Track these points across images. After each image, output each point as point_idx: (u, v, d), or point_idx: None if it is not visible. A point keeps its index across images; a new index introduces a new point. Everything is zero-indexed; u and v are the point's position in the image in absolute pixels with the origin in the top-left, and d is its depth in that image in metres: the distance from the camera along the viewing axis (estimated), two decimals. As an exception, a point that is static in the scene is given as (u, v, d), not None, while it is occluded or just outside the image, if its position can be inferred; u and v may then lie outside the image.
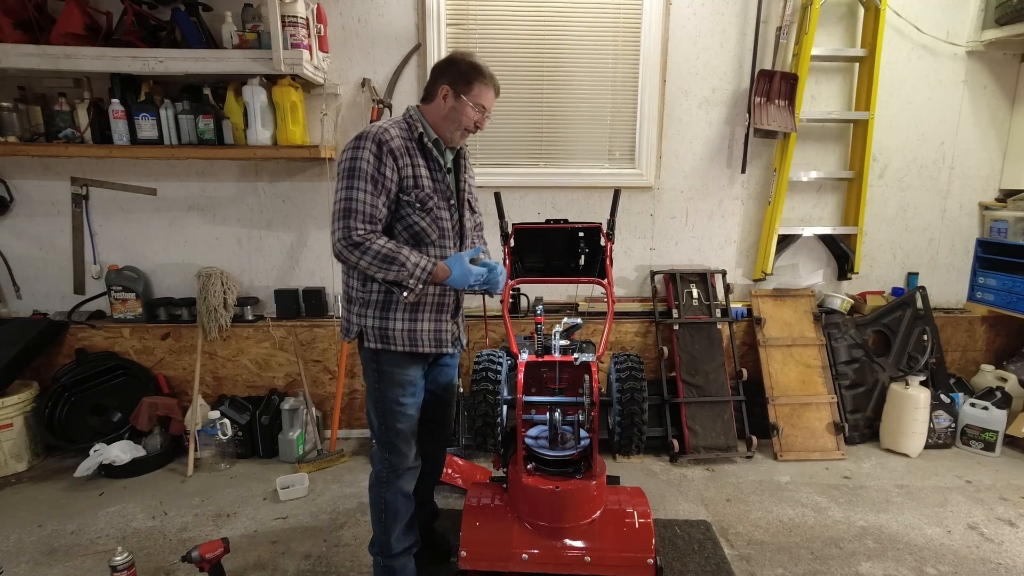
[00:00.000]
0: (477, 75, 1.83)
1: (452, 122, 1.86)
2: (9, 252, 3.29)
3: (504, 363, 2.16)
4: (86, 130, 2.98)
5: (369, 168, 1.73)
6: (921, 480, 2.92)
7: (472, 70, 1.83)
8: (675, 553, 2.31)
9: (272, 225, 3.33)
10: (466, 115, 1.85)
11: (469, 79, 1.83)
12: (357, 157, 1.74)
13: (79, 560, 2.31)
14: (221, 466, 3.04)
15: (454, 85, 1.83)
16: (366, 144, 1.74)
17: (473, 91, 1.83)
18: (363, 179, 1.73)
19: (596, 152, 3.37)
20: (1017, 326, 3.49)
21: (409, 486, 2.00)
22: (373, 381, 1.93)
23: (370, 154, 1.73)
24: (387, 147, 1.74)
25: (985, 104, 3.37)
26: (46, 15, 2.89)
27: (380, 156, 1.74)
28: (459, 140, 1.91)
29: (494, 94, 1.89)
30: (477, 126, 1.89)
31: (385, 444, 1.96)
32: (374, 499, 1.99)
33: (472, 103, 1.83)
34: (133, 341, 3.25)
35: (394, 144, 1.76)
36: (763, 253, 3.37)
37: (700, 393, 3.19)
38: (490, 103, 1.88)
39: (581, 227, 2.25)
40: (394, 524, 1.98)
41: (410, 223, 1.82)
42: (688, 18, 3.18)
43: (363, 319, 1.88)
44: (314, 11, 2.89)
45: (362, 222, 1.73)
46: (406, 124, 1.84)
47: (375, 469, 2.00)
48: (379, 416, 1.94)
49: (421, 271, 1.76)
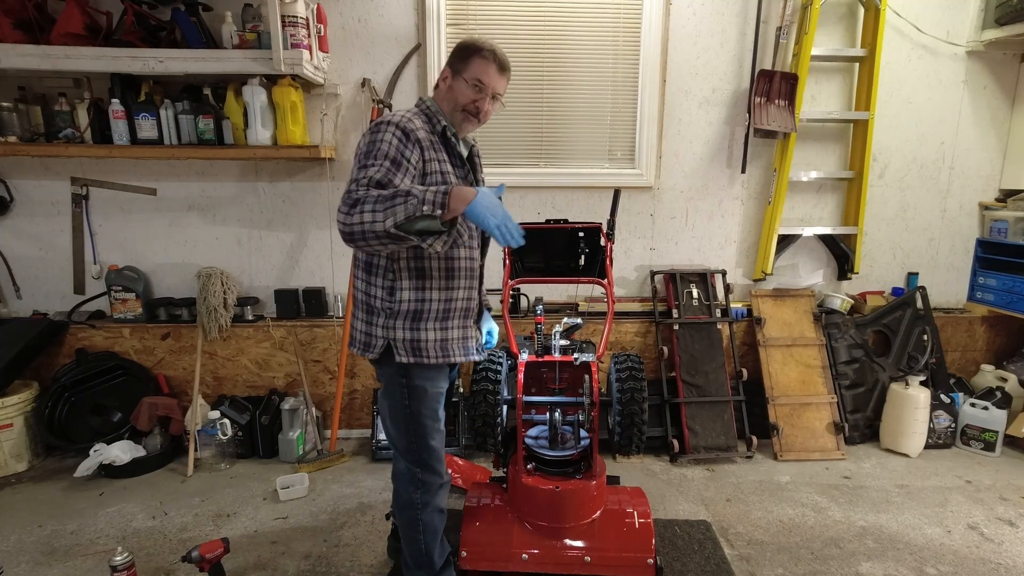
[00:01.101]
0: (473, 49, 1.69)
1: (450, 103, 1.72)
2: (9, 252, 3.29)
3: (504, 363, 2.17)
4: (86, 130, 2.98)
5: (391, 150, 1.54)
6: (921, 480, 2.92)
7: (468, 45, 1.70)
8: (675, 553, 2.31)
9: (272, 225, 3.33)
10: (461, 93, 1.70)
11: (465, 54, 1.70)
12: (379, 139, 1.55)
13: (79, 560, 2.30)
14: (221, 466, 3.04)
15: (452, 65, 1.72)
16: (389, 128, 1.57)
17: (469, 66, 1.69)
18: (381, 158, 1.52)
19: (596, 152, 3.37)
20: (1017, 326, 3.49)
21: (443, 502, 1.89)
22: (401, 398, 1.74)
23: (394, 137, 1.56)
24: (414, 136, 1.58)
25: (985, 104, 3.37)
26: (46, 15, 2.89)
27: (405, 143, 1.56)
28: (465, 128, 1.75)
29: (496, 70, 1.70)
30: (477, 107, 1.71)
31: (417, 463, 1.80)
32: (409, 522, 1.85)
33: (467, 79, 1.69)
34: (133, 341, 3.25)
35: (420, 135, 1.60)
36: (763, 253, 3.37)
37: (700, 393, 3.19)
38: (491, 79, 1.70)
39: (581, 227, 2.25)
40: (434, 542, 1.87)
41: None
42: (688, 18, 3.19)
43: (391, 331, 1.69)
44: (314, 11, 2.89)
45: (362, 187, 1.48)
46: (426, 116, 1.69)
47: (405, 492, 1.84)
48: (409, 435, 1.77)
49: (434, 193, 1.41)
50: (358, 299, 1.77)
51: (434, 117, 1.71)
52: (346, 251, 3.24)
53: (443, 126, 1.70)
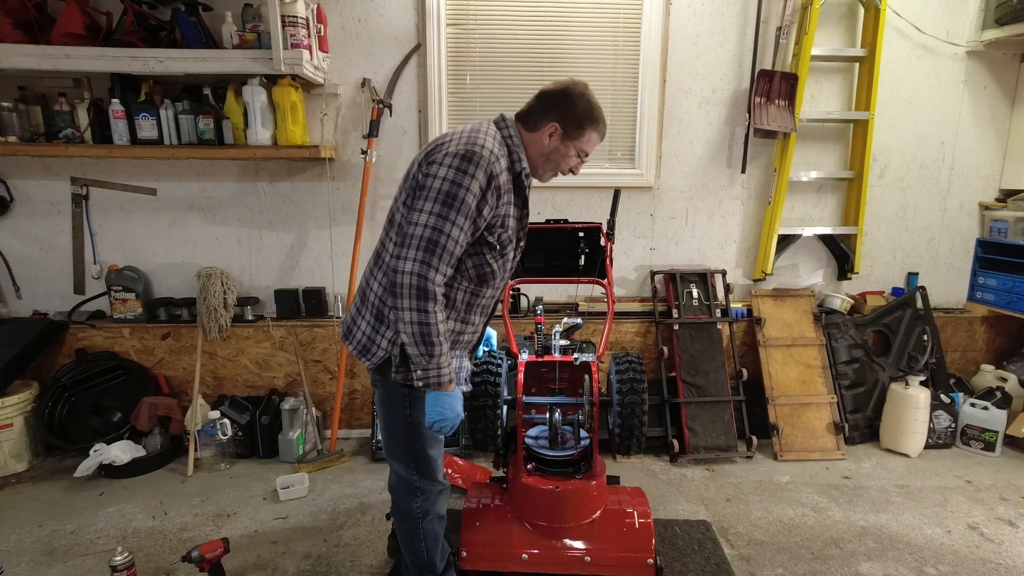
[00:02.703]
0: (590, 122, 1.67)
1: (550, 163, 1.70)
2: (9, 252, 3.29)
3: (504, 363, 2.17)
4: (86, 130, 2.98)
5: (473, 202, 1.50)
6: (921, 480, 2.92)
7: (587, 115, 1.66)
8: (675, 553, 2.31)
9: (272, 225, 3.33)
10: (567, 160, 1.70)
11: (582, 124, 1.66)
12: (462, 184, 1.49)
13: (79, 560, 2.30)
14: (221, 466, 3.04)
15: (564, 125, 1.65)
16: (476, 173, 1.50)
17: (583, 137, 1.68)
18: (462, 213, 1.49)
19: (596, 152, 3.35)
20: (1017, 326, 3.49)
21: (443, 508, 1.88)
22: (402, 408, 1.71)
23: (478, 186, 1.50)
24: (495, 182, 1.54)
25: (985, 104, 3.37)
26: (46, 15, 2.89)
27: (486, 191, 1.52)
28: (544, 179, 1.76)
29: (599, 139, 1.74)
30: (572, 171, 1.75)
31: (415, 471, 1.79)
32: (409, 531, 1.84)
33: (577, 149, 1.69)
34: (133, 341, 3.25)
35: (501, 180, 1.56)
36: (763, 253, 3.37)
37: (700, 393, 3.19)
38: (593, 149, 1.74)
39: (581, 227, 2.25)
40: (435, 547, 1.87)
41: (481, 262, 1.62)
42: (688, 18, 3.18)
43: (396, 347, 1.63)
44: (314, 11, 2.89)
45: (446, 264, 1.50)
46: (507, 151, 1.62)
47: (404, 502, 1.83)
48: (408, 443, 1.76)
49: (437, 373, 1.53)
50: (370, 300, 1.69)
51: (516, 155, 1.64)
52: (346, 251, 3.24)
53: (521, 169, 1.65)
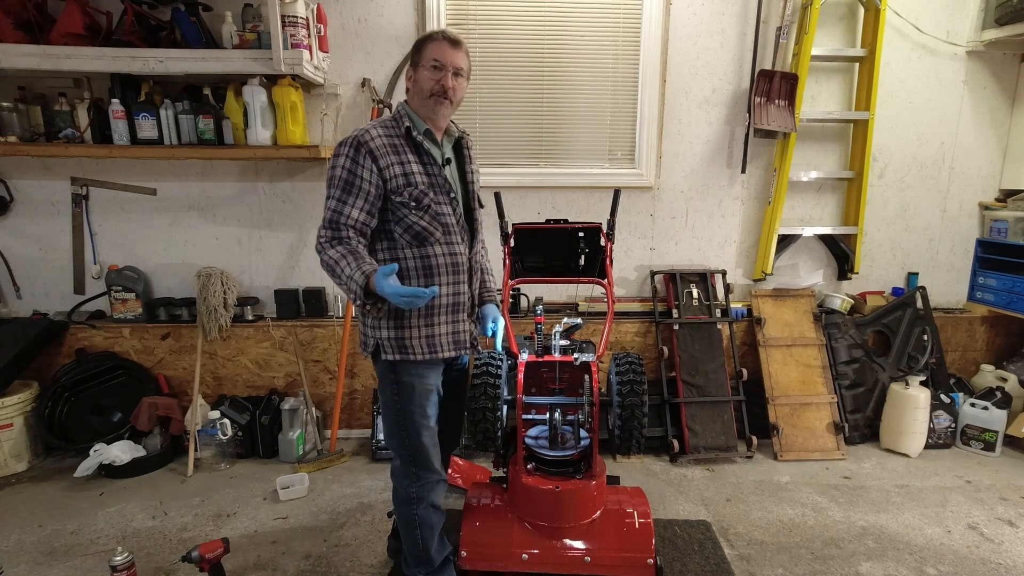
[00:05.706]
0: (423, 38, 1.78)
1: (419, 96, 1.77)
2: (9, 252, 3.29)
3: (504, 363, 2.17)
4: (86, 130, 2.98)
5: (343, 173, 1.69)
6: (921, 480, 2.92)
7: (421, 40, 1.79)
8: (675, 553, 2.31)
9: (272, 225, 3.33)
10: (424, 79, 1.75)
11: (418, 46, 1.79)
12: (334, 165, 1.72)
13: (79, 560, 2.30)
14: (221, 466, 3.04)
15: (412, 62, 1.81)
16: (343, 150, 1.71)
17: (423, 53, 1.76)
18: (336, 186, 1.71)
19: (596, 152, 3.37)
20: (1017, 326, 3.49)
21: (439, 499, 1.94)
22: (391, 394, 1.84)
23: (346, 159, 1.70)
24: (365, 148, 1.69)
25: (985, 104, 3.37)
26: (46, 15, 2.89)
27: (357, 159, 1.69)
28: (440, 113, 1.78)
29: (448, 46, 1.74)
30: (441, 86, 1.74)
31: (410, 460, 1.87)
32: (405, 518, 1.91)
33: (425, 64, 1.75)
34: (133, 341, 3.25)
35: (374, 144, 1.70)
36: (763, 253, 3.37)
37: (700, 393, 3.19)
38: (446, 56, 1.74)
39: (581, 227, 2.25)
40: (431, 538, 1.92)
41: (409, 223, 1.74)
42: (688, 18, 3.18)
43: (378, 331, 1.79)
44: (314, 11, 2.89)
45: (324, 228, 1.71)
46: (393, 121, 1.78)
47: (401, 487, 1.91)
48: (400, 431, 1.85)
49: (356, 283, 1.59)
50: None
51: (401, 120, 1.77)
52: (346, 251, 3.24)
53: (406, 127, 1.75)
